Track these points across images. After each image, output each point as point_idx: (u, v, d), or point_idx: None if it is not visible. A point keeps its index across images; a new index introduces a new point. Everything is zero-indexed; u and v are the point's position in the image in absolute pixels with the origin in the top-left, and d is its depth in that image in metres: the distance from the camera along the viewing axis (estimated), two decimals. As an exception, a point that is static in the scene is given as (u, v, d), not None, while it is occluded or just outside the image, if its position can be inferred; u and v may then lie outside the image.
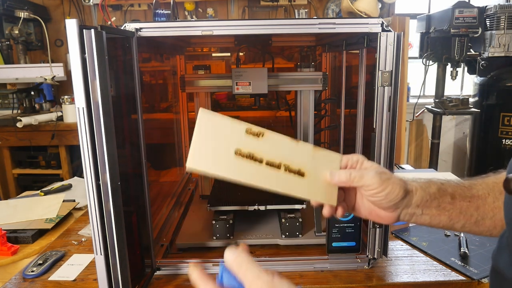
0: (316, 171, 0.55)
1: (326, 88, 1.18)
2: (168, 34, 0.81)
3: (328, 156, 0.57)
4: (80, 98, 0.61)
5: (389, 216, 0.59)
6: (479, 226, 0.59)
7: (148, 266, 0.89)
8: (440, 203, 0.58)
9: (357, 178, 0.55)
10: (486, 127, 2.77)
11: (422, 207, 0.58)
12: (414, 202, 0.57)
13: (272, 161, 0.53)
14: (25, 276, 0.90)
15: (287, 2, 3.05)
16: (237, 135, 0.52)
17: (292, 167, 0.54)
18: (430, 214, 0.58)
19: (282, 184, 0.53)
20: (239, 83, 1.12)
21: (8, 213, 1.28)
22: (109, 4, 2.98)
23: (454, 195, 0.59)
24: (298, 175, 0.54)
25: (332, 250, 0.92)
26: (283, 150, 0.54)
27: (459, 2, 2.49)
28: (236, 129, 0.52)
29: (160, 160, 1.35)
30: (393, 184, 0.55)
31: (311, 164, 0.55)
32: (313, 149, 0.56)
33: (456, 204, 0.59)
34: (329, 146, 1.52)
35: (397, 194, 0.55)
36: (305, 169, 0.54)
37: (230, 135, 0.52)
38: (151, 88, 1.37)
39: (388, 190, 0.54)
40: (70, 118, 2.64)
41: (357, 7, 2.55)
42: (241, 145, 0.52)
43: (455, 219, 0.59)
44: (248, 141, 0.52)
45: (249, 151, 0.52)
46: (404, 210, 0.58)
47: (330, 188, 0.56)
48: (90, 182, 0.64)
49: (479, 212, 0.59)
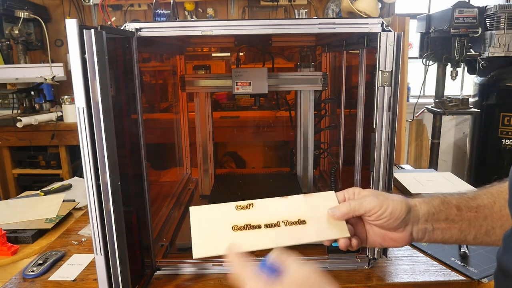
0: (316, 213, 0.58)
1: (326, 88, 1.18)
2: (168, 34, 0.81)
3: (321, 196, 0.60)
4: (80, 98, 0.61)
5: (403, 237, 0.59)
6: (490, 236, 0.59)
7: (148, 266, 0.89)
8: (447, 215, 0.58)
9: (357, 207, 0.56)
10: (486, 127, 2.77)
11: (431, 221, 0.58)
12: (421, 216, 0.57)
13: (270, 222, 0.57)
14: (25, 276, 0.90)
15: (287, 2, 3.05)
16: (229, 215, 0.57)
17: (291, 220, 0.57)
18: (441, 228, 0.58)
19: (288, 237, 0.56)
20: (239, 83, 1.12)
21: (8, 213, 1.28)
22: (109, 4, 2.98)
23: (460, 206, 0.59)
24: (300, 224, 0.57)
25: (332, 250, 0.92)
26: (276, 209, 0.58)
27: (459, 2, 2.49)
28: (226, 211, 0.57)
29: (160, 160, 1.35)
30: (393, 202, 0.56)
31: (308, 210, 0.58)
32: (304, 197, 0.59)
33: (464, 215, 0.59)
34: (329, 146, 1.52)
35: (400, 210, 0.56)
36: (304, 217, 0.57)
37: (222, 218, 0.57)
38: (151, 88, 1.37)
39: (390, 209, 0.55)
40: (70, 118, 2.64)
41: (357, 7, 2.55)
42: (236, 221, 0.56)
43: (465, 231, 0.59)
44: (241, 215, 0.57)
45: (245, 223, 0.56)
46: (415, 227, 0.58)
47: (337, 223, 0.58)
48: (90, 182, 0.64)
49: (488, 222, 0.59)
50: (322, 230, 0.57)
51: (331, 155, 1.46)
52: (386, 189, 0.84)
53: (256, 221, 0.56)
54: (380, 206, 0.55)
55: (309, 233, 0.56)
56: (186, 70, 1.52)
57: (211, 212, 0.58)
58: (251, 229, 0.56)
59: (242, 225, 0.56)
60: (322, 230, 0.57)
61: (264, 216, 0.57)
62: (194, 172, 1.60)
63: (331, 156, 1.46)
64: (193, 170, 1.61)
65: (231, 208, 0.58)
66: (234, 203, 0.58)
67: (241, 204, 0.58)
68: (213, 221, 0.57)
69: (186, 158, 1.59)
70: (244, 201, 0.58)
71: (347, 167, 1.23)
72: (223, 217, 0.57)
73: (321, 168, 1.60)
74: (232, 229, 0.56)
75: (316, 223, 0.57)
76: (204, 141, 1.36)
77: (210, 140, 1.36)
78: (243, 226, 0.56)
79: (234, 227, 0.56)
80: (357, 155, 1.04)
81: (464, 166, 3.31)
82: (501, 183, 0.61)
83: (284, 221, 0.57)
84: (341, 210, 0.57)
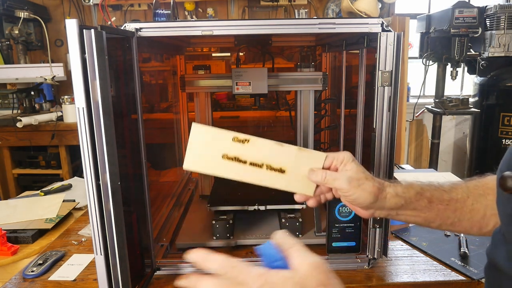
0: (298, 168, 0.63)
1: (326, 88, 1.18)
2: (168, 34, 0.81)
3: (312, 155, 0.64)
4: (80, 98, 0.61)
5: (364, 213, 0.64)
6: (455, 227, 0.64)
7: (148, 266, 0.89)
8: (416, 206, 0.62)
9: (330, 181, 0.61)
10: (486, 127, 2.77)
11: (397, 209, 0.63)
12: (387, 206, 0.62)
13: (255, 162, 0.62)
14: (25, 276, 0.90)
15: (287, 2, 3.05)
16: (224, 142, 0.61)
17: (274, 166, 0.62)
18: (406, 214, 0.63)
19: (263, 178, 0.62)
20: (239, 83, 1.12)
21: (8, 213, 1.28)
22: (109, 4, 2.98)
23: (432, 199, 0.63)
24: (279, 172, 0.62)
25: (332, 250, 0.92)
26: (267, 153, 0.62)
27: (459, 2, 2.49)
28: (223, 138, 0.61)
29: (160, 160, 1.35)
30: (362, 191, 0.60)
31: (293, 163, 0.63)
32: (297, 149, 0.63)
33: (433, 207, 0.63)
34: (329, 146, 1.52)
35: (364, 199, 0.60)
36: (286, 167, 0.63)
37: (218, 144, 0.61)
38: (151, 88, 1.37)
39: (356, 195, 0.60)
40: (70, 118, 2.64)
41: (357, 7, 2.55)
42: (228, 150, 0.61)
43: (430, 219, 0.63)
44: (235, 146, 0.61)
45: (234, 155, 0.61)
46: (378, 211, 0.63)
47: (310, 182, 0.63)
48: (90, 182, 0.64)
49: (456, 214, 0.63)
50: (293, 183, 0.63)
51: (331, 155, 1.45)
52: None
53: (244, 157, 0.61)
54: (347, 190, 0.60)
55: (281, 182, 0.63)
56: (186, 70, 1.52)
57: (210, 134, 0.61)
58: (236, 162, 0.61)
59: (231, 157, 0.61)
60: (293, 183, 0.63)
61: (253, 155, 0.62)
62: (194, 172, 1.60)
63: (331, 156, 1.46)
64: (193, 170, 1.61)
65: (228, 137, 0.61)
66: (233, 134, 0.62)
67: (238, 137, 0.61)
68: (209, 143, 0.61)
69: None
70: (242, 135, 0.62)
71: (347, 167, 1.23)
72: (219, 143, 0.61)
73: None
74: (221, 157, 0.61)
75: (292, 176, 0.63)
76: (204, 141, 1.36)
77: (210, 140, 1.36)
78: (232, 157, 0.61)
79: (224, 155, 0.61)
80: (357, 155, 1.04)
81: (464, 166, 3.31)
82: (480, 178, 0.65)
83: (268, 165, 0.62)
84: (316, 177, 0.62)
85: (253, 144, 0.62)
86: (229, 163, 0.61)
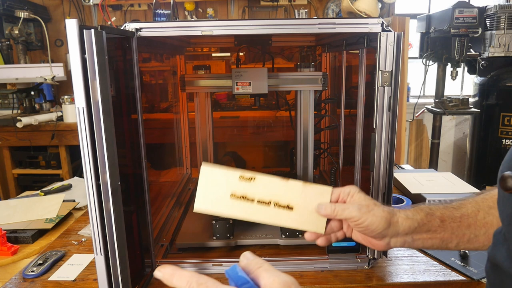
0: (305, 204, 0.63)
1: (326, 88, 1.17)
2: (168, 34, 0.81)
3: (318, 190, 0.64)
4: (80, 98, 0.61)
5: (380, 244, 0.63)
6: (473, 243, 0.63)
7: (148, 266, 0.89)
8: (429, 227, 0.62)
9: (340, 212, 0.61)
10: (486, 127, 2.77)
11: (412, 234, 0.62)
12: (402, 231, 0.61)
13: (262, 199, 0.63)
14: (25, 276, 0.90)
15: (287, 2, 3.05)
16: (232, 181, 0.62)
17: (281, 203, 0.63)
18: (422, 238, 0.62)
19: (272, 217, 0.63)
20: (239, 83, 1.12)
21: (8, 213, 1.28)
22: (109, 4, 2.99)
23: (443, 217, 0.62)
24: (287, 209, 0.63)
25: (332, 250, 0.92)
26: (273, 190, 0.63)
27: (459, 2, 2.49)
28: (230, 177, 0.63)
29: (160, 160, 1.35)
30: (373, 216, 0.60)
31: (300, 199, 0.63)
32: (303, 185, 0.64)
33: (447, 226, 0.62)
34: (329, 146, 1.52)
35: (377, 226, 0.60)
36: (293, 204, 0.63)
37: (226, 182, 0.62)
38: (151, 88, 1.37)
39: (368, 222, 0.60)
40: (70, 118, 2.65)
41: (357, 7, 2.55)
42: (235, 189, 0.62)
43: (447, 239, 0.63)
44: (242, 185, 0.62)
45: (242, 194, 0.62)
46: (393, 239, 0.62)
47: (319, 218, 0.64)
48: (90, 182, 0.64)
49: (471, 230, 0.62)
50: (303, 221, 0.64)
51: (331, 155, 1.46)
52: (386, 189, 0.84)
53: (252, 196, 0.62)
54: (359, 217, 0.60)
55: (290, 219, 0.63)
56: (186, 70, 1.52)
57: (218, 174, 0.63)
58: (244, 200, 0.62)
59: (239, 196, 0.62)
60: (303, 220, 0.63)
61: (260, 193, 0.62)
62: (194, 172, 1.60)
63: (331, 156, 1.46)
64: (193, 170, 1.61)
65: (235, 176, 0.62)
66: (239, 173, 0.63)
67: (244, 176, 0.62)
68: (218, 183, 0.62)
69: (186, 158, 1.59)
70: (248, 173, 0.63)
71: (347, 167, 1.23)
72: (226, 182, 0.62)
73: (321, 168, 1.60)
74: (230, 196, 0.62)
75: (301, 212, 0.63)
76: (204, 141, 1.36)
77: (210, 140, 1.36)
78: (239, 196, 0.62)
79: (232, 194, 0.62)
80: (357, 155, 1.04)
81: (464, 166, 3.31)
82: (486, 191, 0.65)
83: (275, 202, 0.63)
84: (326, 210, 0.62)
85: (259, 182, 0.63)
86: (237, 202, 0.62)
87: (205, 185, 0.63)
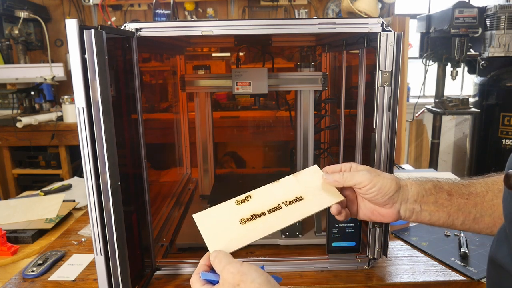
0: (309, 187, 0.64)
1: (326, 88, 1.17)
2: (168, 34, 0.81)
3: (308, 171, 0.65)
4: (80, 98, 0.61)
5: (390, 213, 0.62)
6: (478, 223, 0.61)
7: (148, 266, 0.89)
8: (437, 199, 0.61)
9: (349, 177, 0.61)
10: (486, 127, 2.77)
11: (420, 202, 0.61)
12: (411, 196, 0.61)
13: (272, 207, 0.61)
14: (25, 276, 0.90)
15: (287, 2, 3.05)
16: (232, 211, 0.61)
17: (290, 199, 0.62)
18: (429, 210, 0.61)
19: (291, 215, 0.61)
20: (239, 83, 1.12)
21: (8, 213, 1.28)
22: (109, 4, 2.98)
23: (451, 192, 0.61)
24: (298, 201, 0.62)
25: (332, 250, 0.92)
26: (273, 195, 0.63)
27: (459, 2, 2.49)
28: (228, 208, 0.61)
29: (160, 160, 1.35)
30: (384, 179, 0.60)
31: (301, 187, 0.64)
32: (294, 176, 0.65)
33: (454, 201, 0.61)
34: (329, 146, 1.52)
35: (389, 187, 0.59)
36: (300, 193, 0.63)
37: (227, 215, 0.61)
38: (151, 88, 1.37)
39: (379, 184, 0.59)
40: (70, 118, 2.65)
41: (357, 7, 2.55)
42: (241, 214, 0.60)
43: (454, 215, 0.61)
44: (243, 208, 0.61)
45: (250, 214, 0.61)
46: (403, 206, 0.61)
47: (331, 191, 0.63)
48: (90, 182, 0.64)
49: (478, 209, 0.61)
50: (321, 199, 0.63)
51: (331, 155, 1.46)
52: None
53: (259, 210, 0.61)
54: (370, 180, 0.59)
55: (309, 205, 0.62)
56: (186, 70, 1.52)
57: (214, 214, 0.61)
58: (257, 218, 0.60)
59: (248, 217, 0.60)
60: (320, 199, 0.63)
61: (265, 204, 0.61)
62: (194, 172, 1.60)
63: (331, 156, 1.46)
64: (193, 170, 1.61)
65: (232, 204, 0.61)
66: (233, 200, 0.62)
67: (240, 199, 0.62)
68: (220, 221, 0.60)
69: (186, 158, 1.59)
70: (242, 195, 0.62)
71: (347, 167, 1.23)
72: (227, 214, 0.61)
73: (321, 168, 1.60)
74: (240, 223, 0.60)
75: (312, 195, 0.63)
76: (204, 141, 1.36)
77: (210, 140, 1.36)
78: (249, 217, 0.60)
79: (241, 220, 0.60)
80: (357, 155, 1.04)
81: (464, 166, 3.31)
82: (498, 174, 0.63)
83: (284, 202, 0.62)
84: (334, 177, 0.62)
85: (256, 196, 0.62)
86: (251, 224, 0.59)
87: (207, 230, 0.59)
